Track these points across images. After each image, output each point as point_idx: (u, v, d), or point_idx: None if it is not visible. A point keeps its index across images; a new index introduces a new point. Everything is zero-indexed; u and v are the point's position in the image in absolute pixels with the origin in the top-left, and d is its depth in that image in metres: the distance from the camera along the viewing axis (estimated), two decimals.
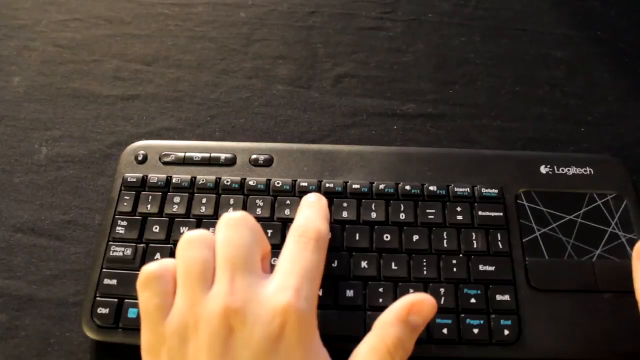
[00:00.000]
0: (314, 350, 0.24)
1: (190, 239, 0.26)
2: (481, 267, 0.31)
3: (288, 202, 0.33)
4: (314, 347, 0.24)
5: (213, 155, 0.36)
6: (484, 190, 0.34)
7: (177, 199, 0.34)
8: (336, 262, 0.31)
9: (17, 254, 0.35)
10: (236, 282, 0.24)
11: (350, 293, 0.30)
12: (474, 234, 0.32)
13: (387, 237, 0.32)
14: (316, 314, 0.25)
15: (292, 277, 0.25)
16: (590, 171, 0.35)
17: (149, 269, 0.25)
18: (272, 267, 0.28)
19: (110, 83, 0.43)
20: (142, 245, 0.32)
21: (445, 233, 0.32)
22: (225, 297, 0.24)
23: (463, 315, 0.30)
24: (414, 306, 0.26)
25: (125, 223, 0.33)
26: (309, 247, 0.26)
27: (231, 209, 0.33)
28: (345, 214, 0.33)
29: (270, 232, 0.32)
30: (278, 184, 0.34)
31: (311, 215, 0.28)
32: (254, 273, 0.25)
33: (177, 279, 0.25)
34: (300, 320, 0.23)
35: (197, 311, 0.24)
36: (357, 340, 0.29)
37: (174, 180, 0.34)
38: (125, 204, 0.34)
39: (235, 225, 0.26)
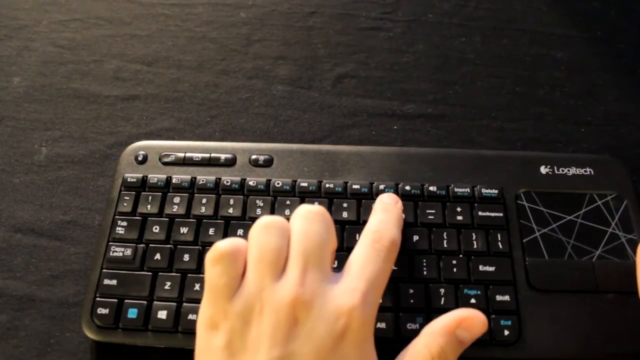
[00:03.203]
0: (368, 355, 0.24)
1: (267, 223, 0.26)
2: (481, 267, 0.31)
3: (288, 202, 0.33)
4: (368, 352, 0.25)
5: (213, 155, 0.36)
6: (483, 191, 0.34)
7: (176, 199, 0.34)
8: (336, 262, 0.31)
9: (17, 254, 0.35)
10: (307, 275, 0.24)
11: None
12: (473, 234, 0.32)
13: None
14: (374, 321, 0.25)
15: (362, 280, 0.25)
16: (590, 171, 0.35)
17: (222, 245, 0.25)
18: None
19: (110, 83, 0.43)
20: (141, 245, 0.32)
21: (445, 233, 0.32)
22: (295, 288, 0.24)
23: None
24: (464, 321, 0.26)
25: (125, 223, 0.33)
26: (382, 255, 0.26)
27: (231, 209, 0.33)
28: (345, 214, 0.33)
29: None
30: (278, 184, 0.34)
31: (388, 221, 0.29)
32: (324, 269, 0.25)
33: (249, 261, 0.25)
34: (362, 324, 0.24)
35: (264, 296, 0.24)
36: None
37: (174, 180, 0.34)
38: (125, 204, 0.34)
39: (313, 219, 0.26)
